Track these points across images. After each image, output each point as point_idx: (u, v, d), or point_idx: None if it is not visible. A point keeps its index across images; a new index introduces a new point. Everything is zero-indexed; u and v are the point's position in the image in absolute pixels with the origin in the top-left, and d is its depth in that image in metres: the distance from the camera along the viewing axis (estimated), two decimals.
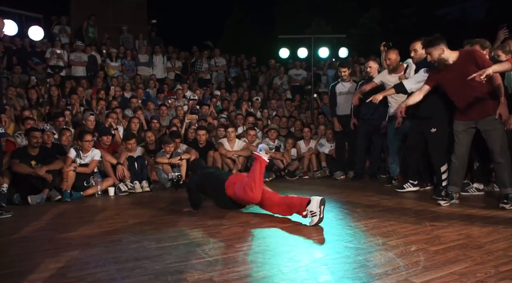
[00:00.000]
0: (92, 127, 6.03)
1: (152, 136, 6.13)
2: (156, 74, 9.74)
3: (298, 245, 2.68)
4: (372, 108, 5.61)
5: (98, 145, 5.49)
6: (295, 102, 9.37)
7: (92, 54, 9.28)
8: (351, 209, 3.78)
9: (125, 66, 9.60)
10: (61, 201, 4.62)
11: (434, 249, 2.50)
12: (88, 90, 8.21)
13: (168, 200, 4.75)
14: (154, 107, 7.76)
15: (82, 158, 5.12)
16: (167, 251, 2.59)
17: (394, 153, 5.35)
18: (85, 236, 3.04)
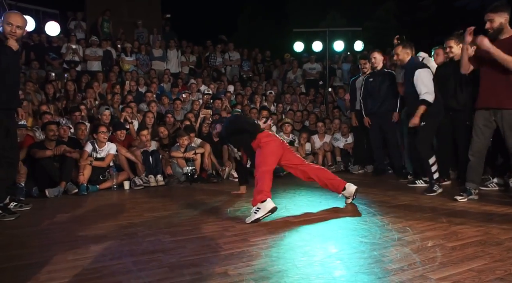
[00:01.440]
0: (108, 121, 6.10)
1: (165, 131, 6.17)
2: (170, 69, 9.80)
3: (312, 240, 2.67)
4: (379, 101, 5.55)
5: (114, 139, 5.56)
6: (309, 96, 9.32)
7: (107, 49, 9.37)
8: (367, 204, 3.75)
9: (139, 60, 9.67)
10: (78, 194, 4.71)
11: (451, 245, 2.46)
12: (104, 85, 8.30)
13: (183, 194, 4.79)
14: (168, 102, 7.81)
15: (98, 152, 5.19)
16: (182, 244, 2.61)
17: (411, 149, 5.26)
18: (101, 228, 3.09)
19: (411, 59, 4.52)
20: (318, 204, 3.87)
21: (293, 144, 6.61)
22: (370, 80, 5.69)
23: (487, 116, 3.71)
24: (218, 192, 4.71)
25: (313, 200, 4.07)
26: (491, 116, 3.69)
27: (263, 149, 3.61)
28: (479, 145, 3.77)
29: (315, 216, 3.36)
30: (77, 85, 7.92)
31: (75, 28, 10.21)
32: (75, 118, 6.02)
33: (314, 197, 4.20)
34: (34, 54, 8.81)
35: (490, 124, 3.72)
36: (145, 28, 11.12)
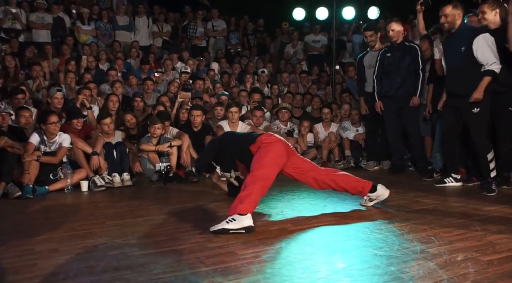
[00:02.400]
0: (60, 106, 6.03)
1: (133, 119, 6.11)
2: (139, 41, 9.71)
3: (315, 253, 2.67)
4: (397, 82, 5.57)
5: (67, 128, 5.50)
6: (312, 75, 9.30)
7: (59, 15, 9.23)
8: (382, 208, 3.76)
9: (100, 30, 9.56)
10: (22, 198, 4.64)
11: (487, 259, 2.48)
12: (55, 60, 8.19)
13: (155, 196, 4.76)
14: (136, 82, 7.74)
15: (47, 145, 5.13)
16: (154, 259, 2.59)
17: (440, 140, 5.29)
18: (51, 240, 3.05)
19: (464, 23, 4.53)
20: (322, 208, 3.87)
21: (292, 135, 6.62)
22: (388, 55, 5.69)
23: None
24: (199, 194, 4.69)
25: (315, 203, 4.07)
26: None
27: (262, 149, 3.51)
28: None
29: (318, 223, 3.36)
30: (20, 60, 7.80)
31: None
32: (17, 102, 5.93)
33: (317, 200, 4.21)
34: None
35: None
36: None
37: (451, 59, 4.61)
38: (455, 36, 4.56)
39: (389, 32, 5.65)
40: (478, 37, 4.36)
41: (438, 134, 5.30)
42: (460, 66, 4.48)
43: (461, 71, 4.49)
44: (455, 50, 4.53)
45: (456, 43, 4.51)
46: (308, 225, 3.32)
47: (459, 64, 4.49)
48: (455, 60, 4.55)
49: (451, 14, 4.46)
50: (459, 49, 4.48)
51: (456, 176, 4.82)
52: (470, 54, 4.40)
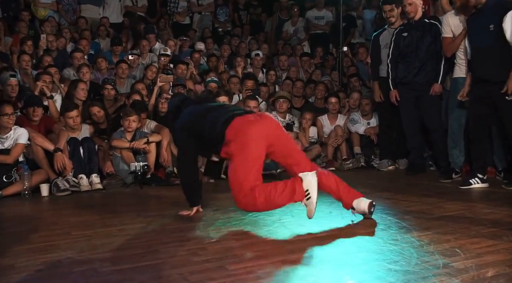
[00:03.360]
0: (14, 94, 6.00)
1: (101, 111, 6.08)
2: (109, 17, 9.68)
3: (320, 267, 2.68)
4: (416, 66, 5.60)
5: (24, 121, 5.48)
6: (315, 58, 9.32)
7: None
8: (398, 216, 3.78)
9: (62, 4, 9.52)
10: None
11: None
12: (7, 39, 8.14)
13: (130, 201, 4.76)
14: (107, 66, 7.72)
15: (0, 141, 5.11)
16: (129, 276, 2.60)
17: (456, 134, 5.34)
18: (5, 255, 3.03)
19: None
20: (327, 215, 3.89)
21: (292, 129, 6.63)
22: (404, 34, 5.72)
23: None
24: (181, 199, 4.69)
25: (319, 209, 4.04)
26: None
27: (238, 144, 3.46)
28: None
29: (323, 233, 3.37)
30: None
31: None
32: None
33: (322, 205, 4.20)
34: None
35: None
36: None
37: (478, 40, 4.64)
38: (482, 12, 4.57)
39: (405, 6, 5.66)
40: (510, 12, 4.36)
41: (451, 128, 5.35)
42: (489, 48, 4.52)
43: (490, 53, 4.52)
44: (482, 29, 4.55)
45: (484, 21, 4.53)
46: (310, 234, 3.34)
47: (488, 46, 4.53)
48: (483, 41, 4.58)
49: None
50: (487, 27, 4.50)
51: (482, 176, 4.85)
52: (502, 33, 4.42)
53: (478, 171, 4.90)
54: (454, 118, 5.31)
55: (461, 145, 5.41)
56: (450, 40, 5.27)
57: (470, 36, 4.77)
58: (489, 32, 4.49)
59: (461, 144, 5.41)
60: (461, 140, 5.39)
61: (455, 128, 5.33)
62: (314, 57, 9.41)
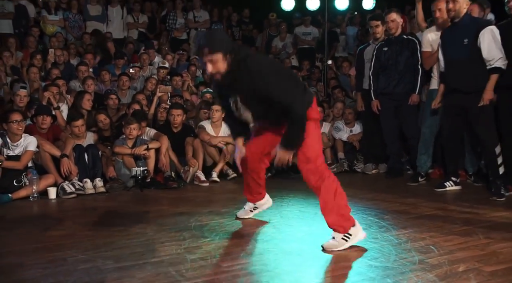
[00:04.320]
0: (23, 104, 5.97)
1: (106, 119, 6.08)
2: (112, 33, 9.66)
3: (305, 264, 2.69)
4: (395, 78, 5.63)
5: (33, 130, 5.45)
6: (302, 71, 9.33)
7: (21, 3, 9.14)
8: (378, 216, 3.80)
9: (69, 21, 9.48)
10: None
11: (490, 269, 2.52)
12: (18, 54, 8.11)
13: (131, 204, 4.74)
14: (110, 78, 7.70)
15: (11, 148, 5.08)
16: (129, 272, 2.59)
17: (427, 141, 5.35)
18: (14, 254, 3.03)
19: (468, 14, 4.58)
20: (313, 216, 3.89)
21: None
22: (384, 49, 5.74)
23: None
24: (179, 201, 4.69)
25: (306, 211, 4.10)
26: None
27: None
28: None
29: (308, 232, 3.38)
30: None
31: None
32: None
33: (308, 206, 4.23)
34: None
35: None
36: None
37: (452, 52, 4.64)
38: (458, 27, 4.58)
39: (388, 23, 5.69)
40: (485, 29, 4.40)
41: (424, 135, 5.35)
42: (463, 60, 4.52)
43: (464, 65, 4.52)
44: (457, 42, 4.57)
45: (459, 35, 4.55)
46: (298, 234, 3.34)
47: (462, 58, 4.53)
48: (457, 53, 4.58)
49: (460, 0, 4.46)
50: (462, 41, 4.52)
51: (455, 179, 4.90)
52: (475, 48, 4.45)
53: (452, 174, 4.92)
54: (427, 126, 5.33)
55: (430, 151, 5.43)
56: (429, 54, 5.30)
57: (444, 48, 4.78)
58: (463, 46, 4.51)
59: (430, 151, 5.42)
60: (431, 147, 5.41)
61: (427, 136, 5.35)
62: (301, 69, 9.41)
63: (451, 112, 4.74)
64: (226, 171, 5.99)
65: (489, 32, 4.39)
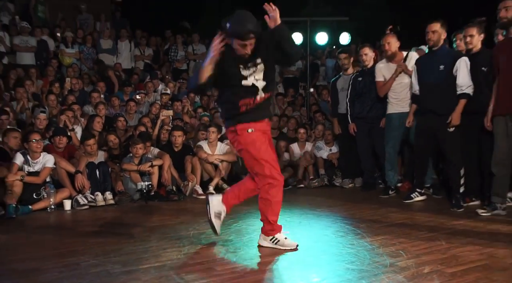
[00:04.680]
0: (42, 127, 5.96)
1: (116, 139, 6.08)
2: (121, 64, 9.70)
3: (291, 267, 2.69)
4: (368, 104, 5.69)
5: (51, 149, 5.43)
6: (288, 97, 9.40)
7: (43, 38, 9.18)
8: (354, 225, 3.81)
9: (83, 53, 9.52)
10: (5, 217, 4.55)
11: (451, 271, 2.54)
12: (39, 82, 8.12)
13: (137, 214, 4.71)
14: (119, 103, 7.71)
15: (31, 165, 5.06)
16: (135, 276, 2.58)
17: (392, 158, 5.39)
18: (33, 259, 3.01)
19: (444, 45, 4.64)
20: (298, 224, 3.91)
21: None
22: (359, 79, 5.81)
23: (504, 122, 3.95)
24: (179, 212, 4.67)
25: (291, 220, 4.10)
26: (507, 122, 3.93)
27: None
28: (500, 155, 3.99)
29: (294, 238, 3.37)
30: (4, 82, 7.70)
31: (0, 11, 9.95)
32: (2, 123, 5.86)
33: (293, 216, 4.24)
34: None
35: (510, 130, 3.93)
36: (90, 14, 10.96)
37: (428, 77, 4.64)
38: (434, 54, 4.62)
39: (361, 56, 5.77)
40: (461, 59, 4.44)
41: (389, 154, 5.36)
42: (438, 84, 4.53)
43: (438, 89, 4.53)
44: (433, 68, 4.58)
45: (436, 62, 4.56)
46: None
47: (437, 82, 4.54)
48: (432, 78, 4.59)
49: (439, 31, 4.52)
50: (438, 67, 4.53)
51: (420, 190, 4.91)
52: (449, 74, 4.48)
53: (418, 186, 4.95)
54: (391, 146, 5.34)
55: (396, 167, 5.49)
56: (381, 84, 5.34)
57: (420, 73, 4.75)
58: (439, 71, 4.53)
59: (396, 167, 5.47)
60: (396, 164, 5.46)
61: (392, 154, 5.37)
62: (287, 96, 9.49)
63: (423, 134, 4.73)
64: (221, 186, 5.98)
65: (464, 62, 4.44)
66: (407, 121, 5.05)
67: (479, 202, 4.58)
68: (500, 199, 4.08)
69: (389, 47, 5.23)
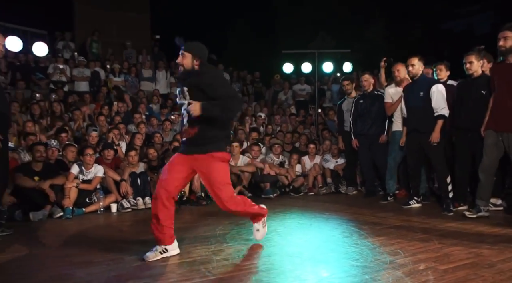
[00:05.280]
0: (94, 142, 6.07)
1: (155, 153, 6.14)
2: (159, 89, 9.82)
3: (303, 264, 2.66)
4: (368, 123, 5.66)
5: (101, 161, 5.52)
6: (299, 117, 9.39)
7: (95, 69, 9.39)
8: (358, 226, 3.76)
9: (128, 81, 9.69)
10: (63, 218, 4.63)
11: (443, 267, 2.48)
12: (91, 106, 8.29)
13: None
14: (157, 123, 7.81)
15: (85, 174, 5.14)
16: (171, 269, 2.58)
17: (392, 169, 5.33)
18: (86, 253, 3.04)
19: (423, 74, 4.72)
20: (309, 226, 3.87)
21: (283, 166, 6.64)
22: (361, 101, 5.79)
23: (497, 134, 3.90)
24: (207, 215, 4.67)
25: (303, 222, 4.07)
26: (499, 135, 3.88)
27: None
28: (490, 163, 3.93)
29: (305, 239, 3.35)
30: (64, 105, 7.89)
31: (63, 48, 10.25)
32: (62, 140, 5.98)
33: (305, 219, 4.21)
34: (20, 74, 8.79)
35: (500, 144, 3.89)
36: (134, 49, 11.19)
37: (412, 101, 4.69)
38: (416, 83, 4.67)
39: (362, 82, 5.77)
40: (435, 86, 4.51)
41: (389, 165, 5.31)
42: (419, 107, 4.58)
43: (420, 111, 4.58)
44: (415, 94, 4.63)
45: (417, 89, 4.62)
46: (297, 240, 3.32)
47: (418, 105, 4.59)
48: (415, 102, 4.64)
49: (417, 64, 4.61)
50: (419, 94, 4.58)
51: (417, 198, 4.84)
52: (427, 99, 4.53)
53: (415, 195, 4.87)
54: (392, 158, 5.29)
55: (395, 177, 5.41)
56: (389, 104, 5.35)
57: (406, 98, 4.82)
58: (420, 97, 4.57)
59: (394, 177, 5.40)
60: (395, 174, 5.39)
61: (392, 165, 5.32)
62: (298, 116, 9.49)
63: (413, 148, 4.74)
64: (243, 192, 5.97)
65: (436, 88, 4.51)
66: (401, 141, 5.00)
67: (466, 207, 4.48)
68: (483, 202, 4.00)
69: (398, 74, 5.21)
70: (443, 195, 4.52)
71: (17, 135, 6.13)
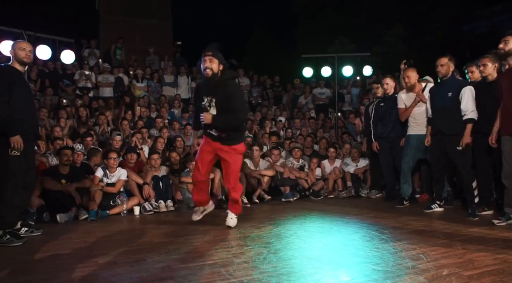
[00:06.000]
0: (118, 146, 6.17)
1: (177, 156, 6.20)
2: (180, 94, 9.94)
3: (323, 267, 2.63)
4: (389, 126, 5.56)
5: (124, 164, 5.60)
6: (319, 120, 9.34)
7: (119, 75, 9.58)
8: (379, 230, 3.69)
9: (151, 87, 9.85)
10: (88, 219, 4.72)
11: (468, 274, 2.41)
12: (115, 111, 8.44)
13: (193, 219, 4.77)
14: (179, 127, 7.88)
15: (109, 177, 5.23)
16: (192, 271, 2.59)
17: (406, 173, 5.21)
18: (110, 254, 3.08)
19: (453, 74, 4.58)
20: (329, 230, 3.82)
21: (303, 169, 6.60)
22: (381, 104, 5.71)
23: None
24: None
25: (323, 226, 4.02)
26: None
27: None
28: (509, 170, 3.81)
29: (326, 242, 3.31)
30: (89, 111, 8.08)
31: (88, 56, 10.52)
32: (87, 144, 6.12)
33: (325, 223, 4.16)
34: (49, 81, 9.06)
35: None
36: (156, 55, 11.38)
37: (438, 102, 4.55)
38: (445, 83, 4.52)
39: (383, 85, 5.69)
40: (466, 87, 4.34)
41: (403, 169, 5.19)
42: (446, 108, 4.44)
43: (447, 112, 4.44)
44: (443, 95, 4.49)
45: (445, 90, 4.48)
46: (317, 244, 3.28)
47: (445, 106, 4.45)
48: (442, 103, 4.50)
49: (447, 64, 4.46)
50: (447, 94, 4.44)
51: (440, 202, 4.72)
52: (456, 100, 4.38)
53: (437, 199, 4.75)
54: (406, 162, 5.17)
55: (410, 181, 5.28)
56: (403, 110, 5.24)
57: (432, 99, 4.67)
58: (447, 98, 4.43)
59: (409, 181, 5.27)
60: (409, 178, 5.26)
61: (406, 170, 5.20)
62: (318, 120, 9.44)
63: (437, 151, 4.61)
64: (263, 196, 5.97)
65: (468, 90, 4.34)
66: (426, 140, 4.88)
67: (491, 212, 4.35)
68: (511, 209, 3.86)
69: (409, 80, 5.12)
70: (469, 200, 4.38)
71: (45, 139, 6.31)
